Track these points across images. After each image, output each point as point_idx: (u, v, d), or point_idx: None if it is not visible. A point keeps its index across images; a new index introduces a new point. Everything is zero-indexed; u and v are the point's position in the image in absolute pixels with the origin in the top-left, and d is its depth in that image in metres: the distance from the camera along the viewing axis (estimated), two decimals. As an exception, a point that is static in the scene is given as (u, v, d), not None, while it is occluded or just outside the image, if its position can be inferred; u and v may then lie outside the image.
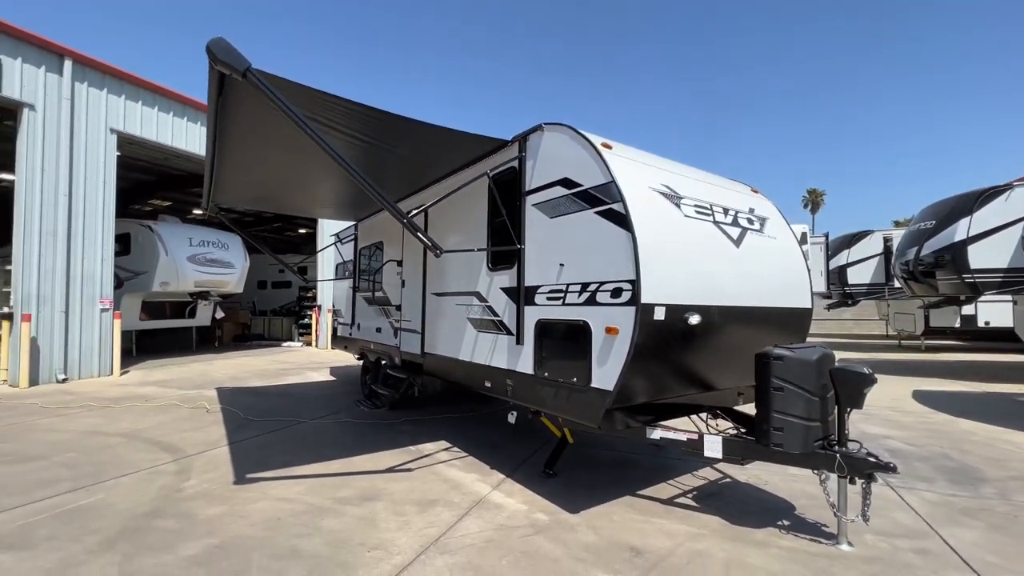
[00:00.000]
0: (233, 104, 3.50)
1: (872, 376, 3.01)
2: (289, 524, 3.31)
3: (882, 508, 3.65)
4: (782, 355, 3.13)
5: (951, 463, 4.69)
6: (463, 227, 5.00)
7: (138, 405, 7.05)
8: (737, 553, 2.98)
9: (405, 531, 3.23)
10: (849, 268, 14.88)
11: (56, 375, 8.81)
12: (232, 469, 4.38)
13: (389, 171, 5.32)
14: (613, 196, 3.22)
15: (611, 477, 4.28)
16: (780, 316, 4.16)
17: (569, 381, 3.48)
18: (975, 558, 2.93)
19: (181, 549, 2.96)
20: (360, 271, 8.06)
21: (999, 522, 3.42)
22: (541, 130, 3.94)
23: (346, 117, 3.77)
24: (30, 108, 8.54)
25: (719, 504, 3.72)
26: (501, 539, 3.14)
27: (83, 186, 9.30)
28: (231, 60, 2.79)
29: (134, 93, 10.11)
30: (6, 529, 3.21)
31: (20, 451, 4.86)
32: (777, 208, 4.71)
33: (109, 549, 2.96)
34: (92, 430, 5.67)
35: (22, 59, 8.42)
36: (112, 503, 3.64)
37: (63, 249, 8.97)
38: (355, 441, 5.33)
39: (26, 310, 8.47)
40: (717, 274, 3.60)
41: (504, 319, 4.25)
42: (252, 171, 5.41)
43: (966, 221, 9.32)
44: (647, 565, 2.84)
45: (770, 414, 3.14)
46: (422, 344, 5.68)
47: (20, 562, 2.81)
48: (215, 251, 13.28)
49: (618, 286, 3.16)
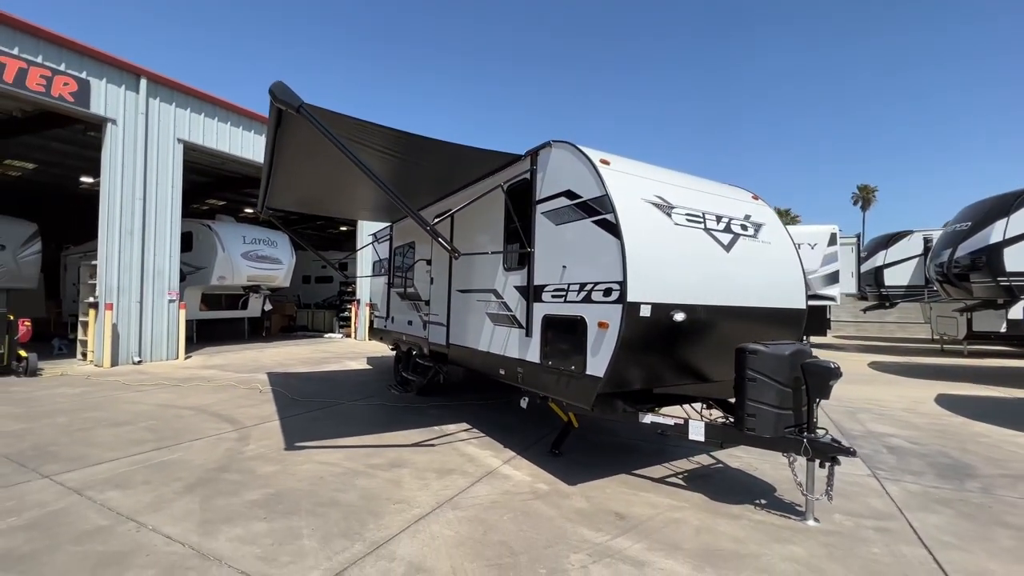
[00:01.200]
0: (289, 128, 4.16)
1: (838, 370, 3.35)
2: (330, 481, 3.96)
3: (860, 494, 3.95)
4: (757, 349, 3.50)
5: (947, 460, 4.86)
6: (483, 231, 5.55)
7: (202, 385, 8.02)
8: (709, 522, 3.40)
9: (425, 491, 3.82)
10: (886, 269, 14.49)
11: (132, 357, 10.02)
12: (283, 438, 5.12)
13: (419, 180, 5.93)
14: (606, 207, 3.68)
15: (611, 458, 4.74)
16: (772, 315, 4.48)
17: (568, 369, 3.97)
18: (931, 537, 3.22)
19: (245, 495, 3.66)
20: (394, 268, 8.76)
21: (969, 511, 3.66)
22: (550, 146, 4.42)
23: (381, 138, 4.38)
24: (112, 123, 9.73)
25: (705, 484, 4.12)
26: (505, 501, 3.67)
27: (155, 190, 10.47)
28: (288, 99, 3.43)
29: (198, 106, 11.24)
30: (112, 474, 4.03)
31: (112, 418, 5.79)
32: (776, 214, 5.01)
33: (190, 492, 3.70)
34: (166, 403, 6.61)
35: (106, 80, 9.61)
36: (189, 460, 4.42)
37: (138, 246, 10.16)
38: (387, 420, 6.00)
39: (109, 300, 9.68)
40: (705, 276, 3.99)
41: (516, 314, 4.77)
42: (302, 181, 6.16)
43: (1003, 223, 9.10)
44: (627, 527, 3.30)
45: (745, 402, 3.52)
46: (447, 336, 6.28)
47: (126, 497, 3.58)
48: (265, 248, 14.44)
49: (609, 286, 3.61)
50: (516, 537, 3.12)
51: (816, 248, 11.30)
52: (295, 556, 2.83)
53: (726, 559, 2.90)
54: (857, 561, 2.91)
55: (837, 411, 6.94)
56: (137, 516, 3.28)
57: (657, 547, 3.02)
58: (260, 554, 2.84)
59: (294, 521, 3.26)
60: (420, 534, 3.13)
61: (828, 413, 6.79)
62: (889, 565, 2.87)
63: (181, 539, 2.99)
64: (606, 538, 3.13)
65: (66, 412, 6.04)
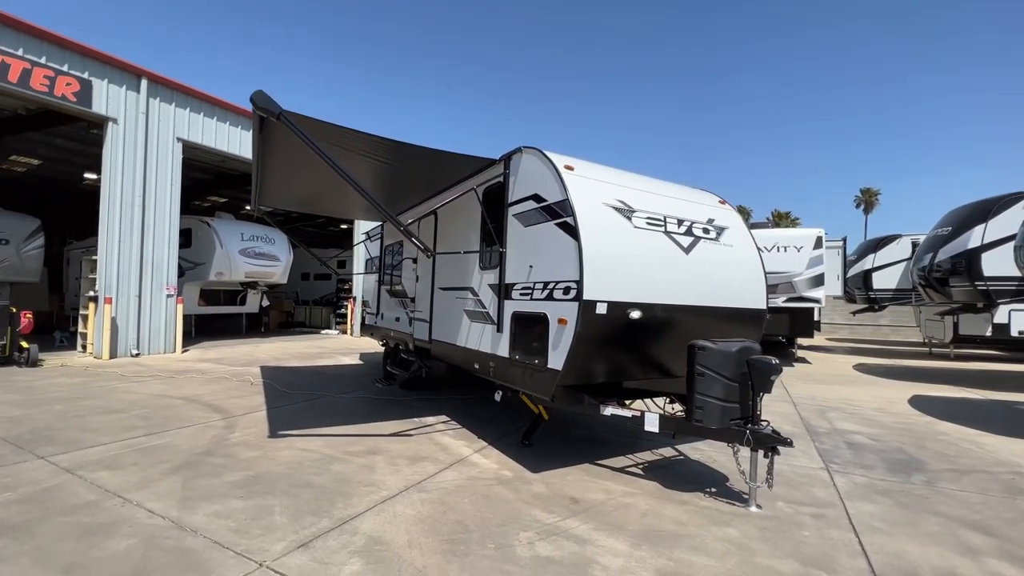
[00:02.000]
0: (273, 132, 4.40)
1: (778, 366, 3.57)
2: (307, 466, 4.21)
3: (807, 485, 4.17)
4: (705, 346, 3.73)
5: (901, 456, 5.07)
6: (463, 231, 5.78)
7: (196, 377, 8.30)
8: (657, 507, 3.63)
9: (395, 476, 4.06)
10: (874, 273, 14.66)
11: (130, 350, 10.31)
12: (268, 427, 5.38)
13: (405, 182, 6.18)
14: (567, 211, 3.91)
15: (579, 449, 4.97)
16: (732, 315, 4.70)
17: (532, 362, 4.20)
18: (862, 523, 3.44)
19: (226, 476, 3.92)
20: (384, 266, 9.01)
21: (907, 501, 3.88)
22: (521, 152, 4.65)
23: (363, 143, 4.62)
24: (113, 122, 10.01)
25: (663, 474, 4.35)
26: (469, 486, 3.91)
27: (154, 187, 10.76)
28: (268, 107, 3.67)
29: (197, 106, 11.52)
30: (104, 456, 4.29)
31: (108, 406, 6.06)
32: (741, 218, 5.23)
33: (175, 473, 3.95)
34: (160, 394, 6.88)
35: (108, 80, 9.89)
36: (176, 445, 4.67)
37: (137, 242, 10.45)
38: (370, 412, 6.25)
39: (108, 294, 9.97)
40: (663, 277, 4.21)
41: (490, 311, 5.00)
42: (293, 180, 6.40)
43: (981, 228, 9.30)
44: (579, 510, 3.53)
45: (694, 395, 3.75)
46: (430, 332, 6.52)
47: (115, 476, 3.84)
48: (263, 245, 14.73)
49: (568, 285, 3.85)
50: (473, 517, 3.35)
51: (802, 251, 11.49)
52: (265, 529, 3.08)
53: (664, 538, 3.13)
54: (785, 542, 3.14)
55: (809, 409, 7.16)
56: (123, 493, 3.54)
57: (603, 528, 3.26)
58: (233, 527, 3.09)
59: (268, 500, 3.51)
60: (384, 513, 3.37)
61: (799, 411, 7.02)
62: (814, 546, 3.09)
63: (162, 513, 3.25)
64: (557, 519, 3.36)
65: (63, 400, 6.31)
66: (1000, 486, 4.25)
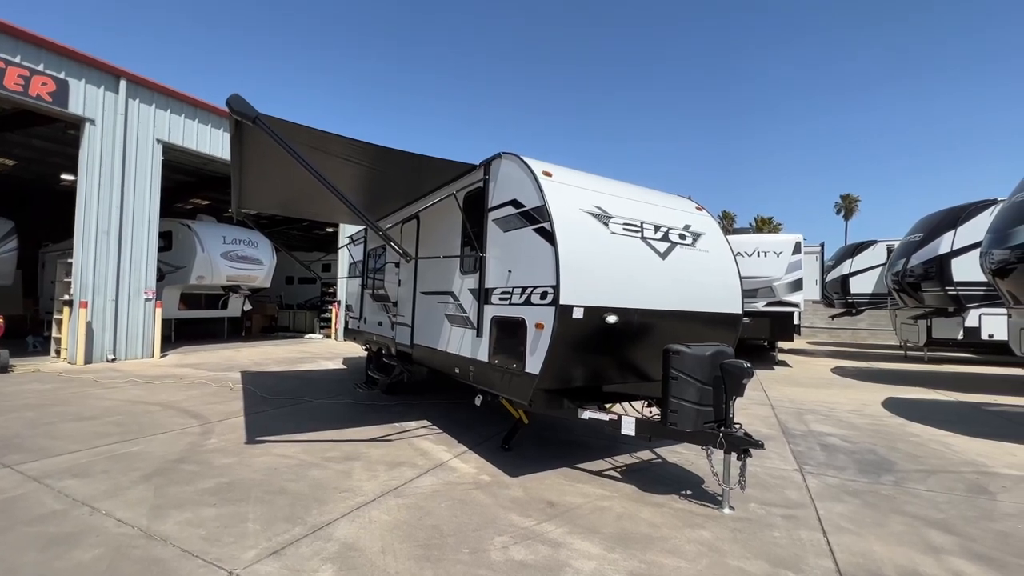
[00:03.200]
0: (251, 136, 4.38)
1: (750, 370, 3.64)
2: (283, 472, 4.17)
3: (780, 486, 4.25)
4: (679, 350, 3.79)
5: (872, 457, 5.19)
6: (445, 236, 5.79)
7: (174, 382, 8.15)
8: (632, 509, 3.66)
9: (372, 481, 4.04)
10: (852, 278, 15.00)
11: (106, 355, 10.09)
12: (245, 433, 5.31)
13: (387, 186, 6.17)
14: (544, 216, 3.95)
15: (558, 453, 4.99)
16: (708, 319, 4.78)
17: (511, 367, 4.22)
18: (831, 523, 3.52)
19: (199, 483, 3.86)
20: (367, 270, 8.97)
21: (875, 501, 3.97)
22: (500, 157, 4.69)
23: (343, 147, 4.61)
24: (91, 123, 9.84)
25: (640, 477, 4.40)
26: (446, 491, 3.91)
27: (133, 190, 10.58)
28: (244, 110, 3.66)
29: (178, 107, 11.37)
30: (73, 464, 4.20)
31: (80, 413, 5.93)
32: (718, 225, 5.33)
33: (146, 481, 3.89)
34: (136, 400, 6.75)
35: (85, 80, 9.72)
36: (150, 452, 4.59)
37: (115, 245, 10.25)
38: (350, 417, 6.21)
39: (83, 298, 9.76)
40: (640, 282, 4.27)
41: (470, 315, 5.02)
42: (274, 184, 6.35)
43: (950, 235, 9.58)
44: (554, 513, 3.56)
45: (668, 398, 3.80)
46: (412, 336, 6.51)
47: (84, 485, 3.76)
48: (246, 248, 14.55)
49: (545, 290, 3.88)
50: (449, 522, 3.36)
51: (781, 256, 11.72)
52: (237, 537, 3.04)
53: (637, 541, 3.17)
54: (756, 543, 3.19)
55: (787, 412, 7.29)
56: (92, 502, 3.47)
57: (577, 531, 3.28)
58: (204, 535, 3.05)
59: (242, 507, 3.47)
60: (359, 519, 3.35)
61: (777, 414, 7.14)
62: (784, 547, 3.16)
63: (131, 522, 3.19)
64: (532, 523, 3.38)
65: (34, 407, 6.16)
66: (965, 485, 4.38)
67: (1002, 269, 6.56)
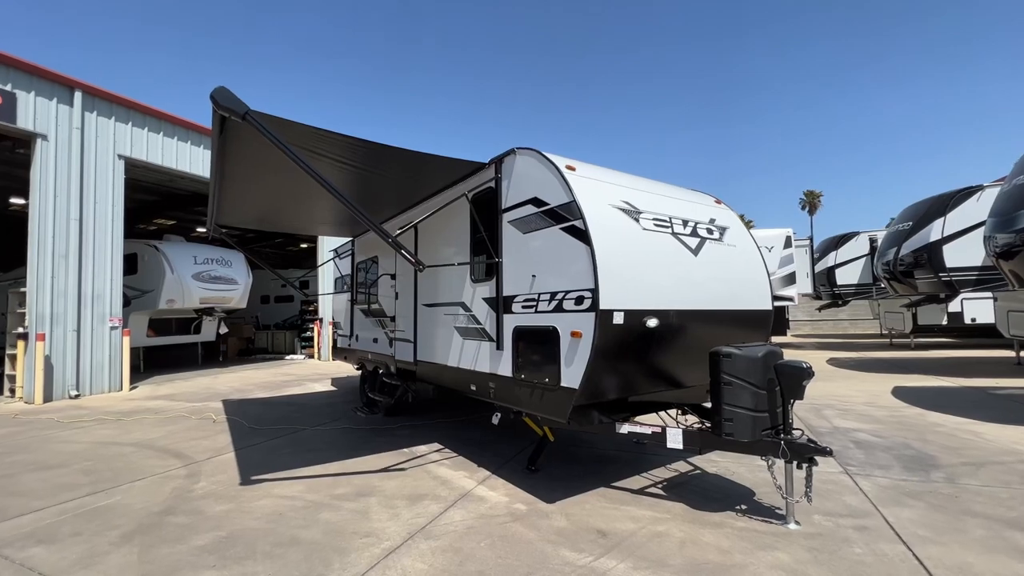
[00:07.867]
0: (236, 137, 3.89)
1: (810, 370, 3.35)
2: (290, 517, 3.64)
3: (835, 492, 3.97)
4: (730, 353, 3.47)
5: (910, 452, 4.99)
6: (449, 242, 5.37)
7: (148, 417, 7.41)
8: (693, 533, 3.30)
9: (395, 521, 3.56)
10: (837, 269, 15.20)
11: (69, 391, 9.19)
12: (238, 472, 4.73)
13: (380, 192, 5.71)
14: (574, 213, 3.59)
15: (589, 471, 4.60)
16: (740, 318, 4.50)
17: (542, 381, 3.83)
18: (908, 532, 3.24)
19: (192, 540, 3.31)
20: (357, 284, 8.43)
21: (939, 502, 3.72)
22: (514, 153, 4.32)
23: (338, 147, 4.16)
24: (43, 138, 9.02)
25: (685, 492, 4.04)
26: (481, 526, 3.47)
27: (93, 210, 9.75)
28: (232, 105, 3.19)
29: (140, 120, 10.60)
30: (35, 527, 3.56)
31: (41, 460, 5.21)
32: (739, 217, 5.08)
33: (128, 542, 3.31)
34: (106, 441, 6.03)
35: (35, 92, 8.91)
36: (129, 503, 3.98)
37: (75, 270, 9.39)
38: (353, 445, 5.67)
39: (40, 330, 8.87)
40: (675, 281, 3.95)
41: (486, 327, 4.60)
42: (253, 194, 5.82)
43: (940, 222, 9.68)
44: (610, 544, 3.16)
45: (721, 406, 3.47)
46: (415, 352, 6.03)
47: (51, 553, 3.16)
48: (219, 268, 13.70)
49: (580, 294, 3.51)
50: (495, 565, 2.92)
51: (773, 251, 11.70)
52: (249, 608, 2.54)
53: (713, 572, 2.80)
54: (842, 563, 2.87)
55: (803, 408, 7.09)
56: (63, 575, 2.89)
57: (643, 565, 2.89)
58: (208, 609, 2.53)
59: (249, 567, 2.95)
60: (390, 570, 2.88)
61: (795, 410, 6.93)
62: (872, 566, 2.84)
63: (115, 599, 2.64)
64: (590, 559, 2.97)
65: (-14, 457, 5.40)
66: (1018, 477, 4.19)
67: (1007, 252, 6.55)
